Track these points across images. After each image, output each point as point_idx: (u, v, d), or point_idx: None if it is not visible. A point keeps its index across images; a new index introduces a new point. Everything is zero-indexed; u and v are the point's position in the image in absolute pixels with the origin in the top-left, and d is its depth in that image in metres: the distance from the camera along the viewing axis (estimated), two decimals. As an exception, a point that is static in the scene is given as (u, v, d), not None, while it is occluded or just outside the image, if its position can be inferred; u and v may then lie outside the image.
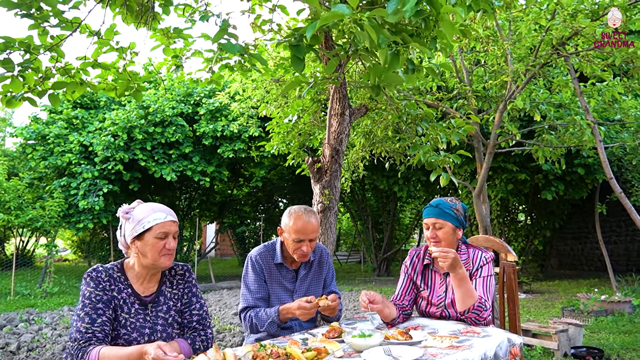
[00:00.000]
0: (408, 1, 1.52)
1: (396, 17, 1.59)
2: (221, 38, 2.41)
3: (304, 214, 2.56)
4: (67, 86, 3.18)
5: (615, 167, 8.71)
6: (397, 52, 1.72)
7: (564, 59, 6.08)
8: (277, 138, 5.80)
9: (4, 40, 2.57)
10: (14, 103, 2.98)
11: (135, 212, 2.25)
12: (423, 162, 3.25)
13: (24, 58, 2.71)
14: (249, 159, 13.46)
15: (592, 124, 5.90)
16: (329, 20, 1.43)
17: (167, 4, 3.85)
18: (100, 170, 11.70)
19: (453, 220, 2.66)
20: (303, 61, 2.27)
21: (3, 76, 2.58)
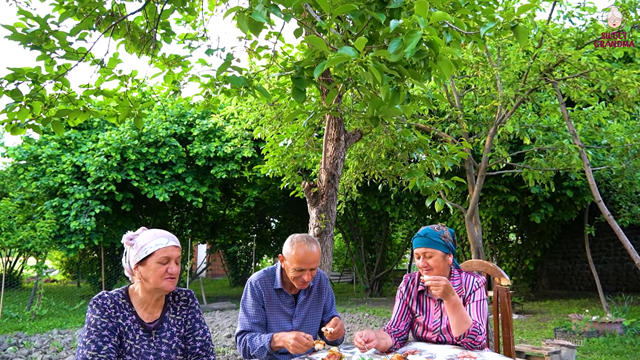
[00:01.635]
0: (409, 43, 1.62)
1: (397, 57, 1.69)
2: (224, 70, 2.50)
3: (306, 244, 2.57)
4: (71, 114, 3.24)
5: (603, 188, 8.89)
6: (398, 88, 1.82)
7: (552, 85, 6.27)
8: (272, 161, 5.88)
9: (12, 71, 2.64)
10: (19, 130, 3.04)
11: (138, 238, 2.29)
12: (418, 188, 3.34)
13: (31, 88, 2.78)
14: (241, 180, 13.51)
15: (579, 148, 6.06)
16: (335, 62, 1.52)
17: (168, 33, 3.97)
18: (92, 190, 11.67)
19: (442, 247, 2.72)
20: (304, 93, 2.36)
21: (12, 106, 2.64)
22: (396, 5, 1.79)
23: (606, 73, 5.42)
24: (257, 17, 1.60)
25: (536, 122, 7.11)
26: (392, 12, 1.84)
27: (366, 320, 9.91)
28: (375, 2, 1.88)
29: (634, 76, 5.21)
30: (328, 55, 1.64)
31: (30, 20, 3.14)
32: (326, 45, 1.62)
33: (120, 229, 13.27)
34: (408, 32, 1.63)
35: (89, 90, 3.40)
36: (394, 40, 1.70)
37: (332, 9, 1.61)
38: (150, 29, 3.68)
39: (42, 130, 3.01)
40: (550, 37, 5.81)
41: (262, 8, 1.61)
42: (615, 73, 5.41)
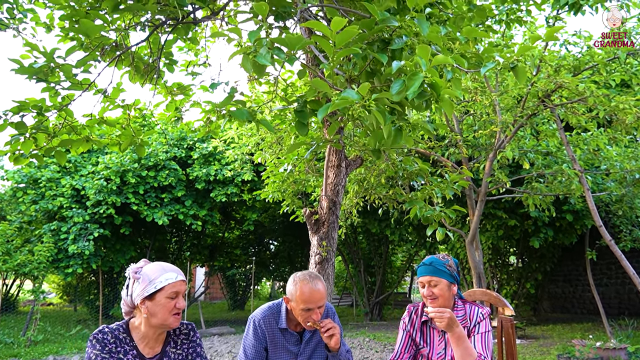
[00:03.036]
0: (412, 85, 1.64)
1: (399, 97, 1.72)
2: (227, 104, 2.53)
3: (310, 282, 2.44)
4: (74, 143, 3.26)
5: (603, 212, 8.89)
6: (400, 127, 1.84)
7: (550, 110, 6.33)
8: (272, 186, 5.90)
9: (18, 103, 2.67)
10: (22, 160, 3.05)
11: (145, 271, 2.26)
12: (419, 217, 3.35)
13: (36, 119, 2.80)
14: (241, 203, 13.50)
15: (579, 173, 6.09)
16: (339, 106, 1.54)
17: (171, 62, 4.02)
18: (91, 214, 11.64)
19: (447, 276, 2.71)
20: (307, 126, 2.38)
21: (16, 138, 2.66)
22: (398, 46, 1.82)
23: (604, 99, 5.48)
24: (261, 60, 1.63)
25: (535, 146, 7.16)
26: (393, 52, 1.88)
27: (367, 345, 9.78)
28: (377, 42, 1.92)
29: (631, 102, 5.27)
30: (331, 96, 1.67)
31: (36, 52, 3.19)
32: (330, 88, 1.64)
33: (119, 252, 13.20)
34: (410, 75, 1.66)
35: (92, 119, 3.43)
36: (396, 81, 1.72)
37: (335, 53, 1.64)
38: (153, 59, 3.73)
39: (43, 161, 3.06)
40: (547, 63, 5.90)
41: (266, 51, 1.64)
42: (613, 99, 5.48)
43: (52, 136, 3.05)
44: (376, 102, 1.64)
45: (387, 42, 1.93)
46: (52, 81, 2.86)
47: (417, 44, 1.91)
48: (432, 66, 1.69)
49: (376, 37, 1.92)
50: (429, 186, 3.50)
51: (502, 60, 1.89)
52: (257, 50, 1.70)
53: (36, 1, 3.22)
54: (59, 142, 3.18)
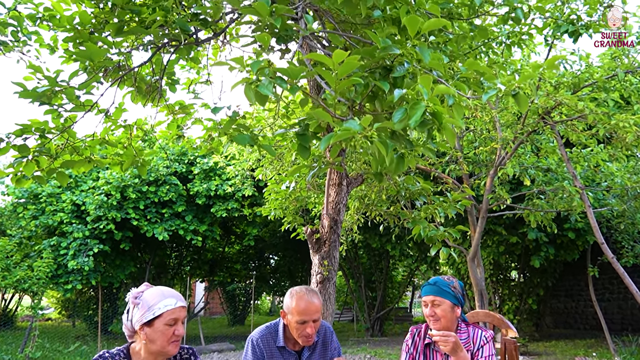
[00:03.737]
0: (414, 114, 1.65)
1: (401, 126, 1.72)
2: (229, 127, 2.54)
3: (305, 294, 2.52)
4: (75, 164, 3.27)
5: (605, 228, 8.87)
6: (402, 155, 1.85)
7: (550, 127, 6.35)
8: (274, 203, 5.89)
9: (21, 126, 2.68)
10: (24, 182, 3.05)
11: (144, 297, 2.25)
12: (422, 236, 3.34)
13: (38, 141, 2.81)
14: (241, 217, 13.47)
15: (580, 190, 6.09)
16: (342, 137, 1.55)
17: (173, 82, 4.05)
18: (91, 229, 11.62)
19: (451, 297, 2.70)
20: (309, 150, 2.38)
21: (19, 161, 2.66)
22: (400, 73, 1.83)
23: (603, 117, 5.50)
24: (263, 90, 1.64)
25: (535, 162, 7.17)
26: (395, 79, 1.89)
27: (368, 362, 9.69)
28: (379, 69, 1.93)
29: (631, 121, 5.29)
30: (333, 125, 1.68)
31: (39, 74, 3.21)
32: (332, 119, 1.65)
33: (119, 268, 13.15)
34: (412, 104, 1.66)
35: (95, 140, 3.44)
36: (398, 109, 1.73)
37: (338, 84, 1.65)
38: (156, 79, 3.75)
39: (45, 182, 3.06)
40: (546, 81, 5.93)
41: (268, 81, 1.65)
42: (613, 117, 5.49)
43: (54, 158, 3.05)
44: (378, 131, 1.65)
45: (389, 69, 1.95)
46: (55, 103, 2.88)
47: (419, 71, 1.93)
48: (434, 95, 1.69)
49: (378, 64, 1.93)
50: (431, 205, 3.49)
51: (504, 88, 1.90)
52: (259, 80, 1.71)
53: (40, 24, 3.25)
54: (60, 163, 3.19)
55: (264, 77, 1.69)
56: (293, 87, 1.69)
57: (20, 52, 3.04)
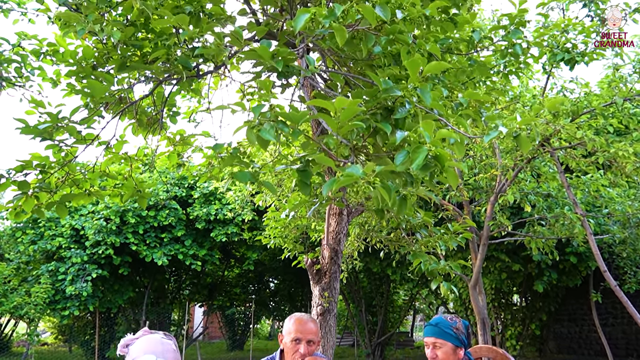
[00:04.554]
0: (416, 158, 1.65)
1: (403, 168, 1.72)
2: (230, 163, 2.54)
3: (303, 316, 2.62)
4: (75, 197, 3.25)
5: (607, 253, 8.81)
6: (404, 196, 1.84)
7: (550, 154, 6.36)
8: (274, 232, 5.86)
9: (22, 162, 2.68)
10: (22, 216, 3.04)
11: (131, 348, 2.20)
12: (423, 270, 3.31)
13: (38, 177, 2.81)
14: (241, 241, 13.40)
15: (581, 217, 6.06)
16: (344, 183, 1.54)
17: (174, 114, 4.07)
18: (90, 254, 11.54)
19: (453, 339, 2.64)
20: (309, 186, 2.37)
21: (19, 198, 2.65)
22: (401, 115, 1.84)
23: (602, 145, 5.51)
24: (265, 136, 1.64)
25: (535, 188, 7.16)
26: (397, 121, 1.89)
27: (369, 391, 9.51)
28: (381, 110, 1.94)
29: (630, 149, 5.30)
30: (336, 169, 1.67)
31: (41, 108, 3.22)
32: (334, 163, 1.65)
33: (117, 293, 13.02)
34: (415, 147, 1.66)
35: (95, 173, 3.43)
36: (400, 152, 1.73)
37: (339, 128, 1.65)
38: (157, 112, 3.77)
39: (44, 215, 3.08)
40: (545, 109, 5.96)
41: (270, 126, 1.65)
42: (612, 145, 5.51)
43: (53, 192, 3.04)
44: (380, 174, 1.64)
45: (390, 110, 1.95)
46: (56, 137, 2.88)
47: (420, 112, 1.93)
48: (436, 139, 1.69)
49: (379, 105, 1.94)
50: (432, 238, 3.47)
51: (505, 130, 1.90)
52: (261, 124, 1.71)
53: (44, 58, 3.28)
54: (60, 197, 3.18)
55: (266, 121, 1.69)
56: (295, 132, 1.69)
57: (23, 87, 3.06)
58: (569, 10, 5.30)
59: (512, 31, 2.83)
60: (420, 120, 1.90)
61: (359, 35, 2.09)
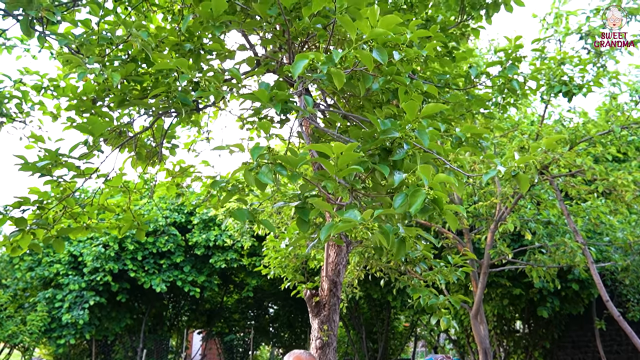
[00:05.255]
0: (414, 202, 1.64)
1: (402, 211, 1.71)
2: (228, 200, 2.53)
3: (302, 355, 2.63)
4: (73, 232, 3.23)
5: (609, 280, 8.73)
6: (403, 239, 1.82)
7: (549, 182, 6.36)
8: (274, 262, 5.82)
9: (19, 199, 2.67)
10: (18, 252, 3.02)
11: None
12: (423, 305, 3.27)
13: (36, 212, 2.79)
14: (240, 267, 13.29)
15: (582, 246, 6.03)
16: (342, 229, 1.53)
17: (173, 146, 4.08)
18: (88, 281, 11.43)
19: None
20: (308, 223, 2.36)
21: (15, 235, 2.64)
22: (400, 157, 1.84)
23: (601, 174, 5.52)
24: (263, 179, 1.64)
25: (536, 215, 7.13)
26: (395, 162, 1.89)
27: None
28: (379, 151, 1.94)
29: (629, 178, 5.30)
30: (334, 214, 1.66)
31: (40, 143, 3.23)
32: (332, 208, 1.64)
33: (114, 320, 12.84)
34: (413, 191, 1.66)
35: (93, 206, 3.42)
36: (399, 195, 1.72)
37: (337, 172, 1.65)
38: (156, 144, 3.78)
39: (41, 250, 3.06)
40: (543, 137, 5.99)
41: (268, 169, 1.65)
42: (611, 174, 5.51)
43: (51, 227, 3.03)
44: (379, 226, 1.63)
45: (389, 150, 1.95)
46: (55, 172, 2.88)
47: (418, 153, 1.93)
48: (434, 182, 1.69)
49: (378, 146, 1.94)
50: (431, 272, 3.44)
51: (504, 169, 1.90)
52: (259, 166, 1.71)
53: (45, 93, 3.30)
54: (57, 231, 3.16)
55: (264, 164, 1.69)
56: (293, 175, 1.69)
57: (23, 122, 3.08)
58: (565, 42, 5.37)
59: (509, 67, 2.86)
60: (419, 161, 1.90)
61: (356, 76, 2.11)
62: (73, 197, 3.23)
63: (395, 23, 1.77)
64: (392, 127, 1.90)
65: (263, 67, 2.48)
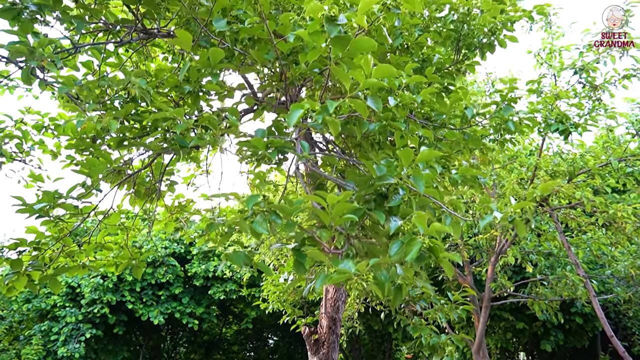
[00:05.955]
0: (410, 251, 1.63)
1: (398, 259, 1.70)
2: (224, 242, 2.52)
3: None
4: (69, 271, 3.21)
5: (613, 312, 8.60)
6: (400, 286, 1.81)
7: (549, 214, 6.35)
8: (272, 297, 5.76)
9: (16, 240, 2.66)
10: (13, 292, 2.99)
11: None
12: (424, 345, 3.21)
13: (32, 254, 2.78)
14: (240, 298, 13.15)
15: (583, 279, 5.97)
16: (337, 280, 1.52)
17: (172, 183, 4.09)
18: (85, 313, 11.28)
19: None
20: (305, 265, 2.34)
21: (10, 278, 2.62)
22: (395, 203, 1.84)
23: (601, 206, 5.50)
24: (258, 229, 1.64)
25: (536, 246, 7.08)
26: (391, 208, 1.89)
27: None
28: (375, 197, 1.94)
29: (629, 210, 5.29)
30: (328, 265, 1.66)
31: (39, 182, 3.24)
32: (326, 258, 1.63)
33: (111, 353, 12.62)
34: (409, 240, 1.65)
35: (91, 245, 3.41)
36: (394, 242, 1.72)
37: (333, 218, 1.64)
38: (155, 182, 3.79)
39: (37, 289, 3.05)
40: (542, 169, 6.00)
41: (262, 218, 1.65)
42: (610, 206, 5.50)
43: (47, 266, 3.01)
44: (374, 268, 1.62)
45: (385, 196, 1.96)
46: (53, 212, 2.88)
47: (414, 199, 1.93)
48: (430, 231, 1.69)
49: (374, 192, 1.95)
50: (432, 310, 3.40)
51: (500, 215, 1.90)
52: (255, 214, 1.71)
53: (45, 132, 3.33)
54: (54, 271, 3.13)
55: (259, 213, 1.69)
56: (288, 224, 1.69)
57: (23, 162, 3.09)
58: (560, 77, 5.44)
59: (504, 107, 2.89)
60: (414, 207, 1.90)
61: (352, 120, 2.13)
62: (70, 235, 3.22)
63: (389, 72, 1.80)
64: (387, 174, 1.91)
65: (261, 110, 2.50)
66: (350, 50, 1.73)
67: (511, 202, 2.02)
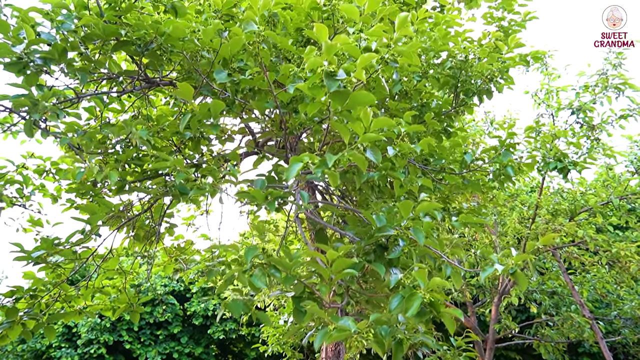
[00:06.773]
0: (411, 306, 1.61)
1: (398, 313, 1.67)
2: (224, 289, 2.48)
3: None
4: (65, 316, 3.16)
5: (622, 354, 8.40)
6: (401, 341, 1.77)
7: (552, 253, 6.29)
8: (272, 339, 5.65)
9: (12, 288, 2.63)
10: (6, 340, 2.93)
11: None
12: (427, 394, 3.12)
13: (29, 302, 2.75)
14: (239, 337, 12.89)
15: (589, 320, 5.85)
16: (336, 338, 1.50)
17: (171, 226, 4.08)
18: (81, 354, 11.04)
19: None
20: (304, 313, 2.30)
21: (5, 327, 2.57)
22: (395, 255, 1.83)
23: (604, 244, 5.46)
24: (256, 282, 1.62)
25: (540, 285, 6.98)
26: (391, 259, 1.88)
27: None
28: (375, 247, 1.93)
29: (632, 249, 5.25)
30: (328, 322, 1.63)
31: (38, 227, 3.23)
32: (325, 314, 1.61)
33: (106, 396, 12.27)
34: (409, 294, 1.63)
35: (88, 290, 3.37)
36: (395, 296, 1.70)
37: (333, 272, 1.63)
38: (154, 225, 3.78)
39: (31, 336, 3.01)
40: (544, 208, 5.99)
41: (261, 272, 1.64)
42: (613, 245, 5.45)
43: (43, 312, 2.96)
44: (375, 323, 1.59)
45: (385, 247, 1.94)
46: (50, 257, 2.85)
47: (414, 250, 1.92)
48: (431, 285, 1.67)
49: (374, 243, 1.94)
50: (434, 356, 3.32)
51: (501, 268, 1.88)
52: (254, 267, 1.70)
53: (46, 176, 3.35)
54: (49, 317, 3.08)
55: (257, 266, 1.67)
56: (287, 278, 1.67)
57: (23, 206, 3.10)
58: (558, 116, 5.51)
59: (503, 153, 2.91)
60: (415, 259, 1.89)
61: (351, 170, 2.14)
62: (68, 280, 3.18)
63: (388, 124, 1.82)
64: (387, 224, 1.91)
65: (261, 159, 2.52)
66: (349, 103, 1.76)
67: (512, 253, 2.00)
